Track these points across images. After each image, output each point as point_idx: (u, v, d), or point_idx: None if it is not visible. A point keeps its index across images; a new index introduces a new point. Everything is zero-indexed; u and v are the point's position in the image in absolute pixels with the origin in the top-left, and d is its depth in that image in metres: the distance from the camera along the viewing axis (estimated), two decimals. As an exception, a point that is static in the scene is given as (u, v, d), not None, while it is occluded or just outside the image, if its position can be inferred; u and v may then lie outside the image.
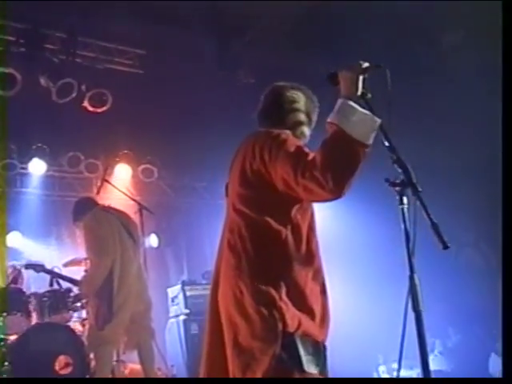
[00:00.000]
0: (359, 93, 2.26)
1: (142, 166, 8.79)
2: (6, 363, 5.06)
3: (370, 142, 2.17)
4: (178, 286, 6.80)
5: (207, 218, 8.72)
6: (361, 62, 2.27)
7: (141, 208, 6.28)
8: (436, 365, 6.66)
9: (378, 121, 2.19)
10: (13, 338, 5.37)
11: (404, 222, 2.11)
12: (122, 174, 8.63)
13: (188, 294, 6.66)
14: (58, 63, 7.32)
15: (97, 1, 6.79)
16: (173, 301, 6.85)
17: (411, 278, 2.04)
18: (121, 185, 7.67)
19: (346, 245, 6.76)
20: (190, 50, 7.33)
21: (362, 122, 2.18)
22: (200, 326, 6.23)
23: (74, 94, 7.30)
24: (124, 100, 7.59)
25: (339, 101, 2.25)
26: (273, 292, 2.22)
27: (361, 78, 2.26)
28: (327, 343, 2.36)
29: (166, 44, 7.42)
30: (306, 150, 2.28)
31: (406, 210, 2.13)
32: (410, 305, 2.04)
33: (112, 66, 7.74)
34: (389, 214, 2.36)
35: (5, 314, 5.45)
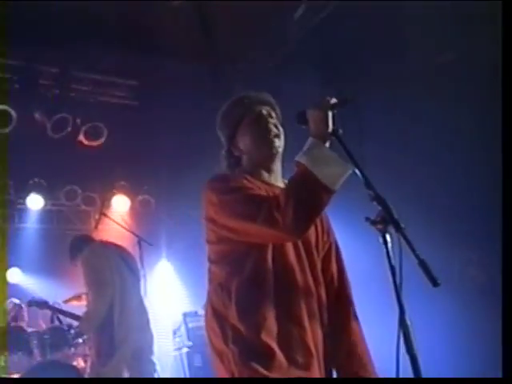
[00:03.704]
0: (330, 130, 2.12)
1: (140, 197, 8.78)
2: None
3: (337, 188, 2.06)
4: (180, 318, 6.74)
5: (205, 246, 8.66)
6: (328, 98, 2.14)
7: (139, 240, 6.24)
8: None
9: (350, 170, 2.07)
10: (15, 376, 5.32)
11: (389, 259, 1.99)
12: (120, 205, 8.61)
13: (190, 325, 6.59)
14: (51, 98, 7.35)
15: (87, 34, 6.86)
16: (175, 333, 6.79)
17: (402, 320, 1.92)
18: (119, 217, 7.65)
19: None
20: (182, 79, 7.37)
21: (332, 168, 2.06)
22: (203, 358, 6.16)
23: (69, 129, 7.31)
24: (119, 132, 7.60)
25: (309, 140, 2.13)
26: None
27: (330, 114, 2.13)
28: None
29: (157, 74, 7.46)
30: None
31: (389, 247, 2.00)
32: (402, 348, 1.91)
33: (106, 99, 7.77)
34: (374, 252, 2.26)
35: (6, 352, 5.39)
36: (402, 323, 1.92)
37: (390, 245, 2.01)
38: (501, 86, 3.33)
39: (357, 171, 2.09)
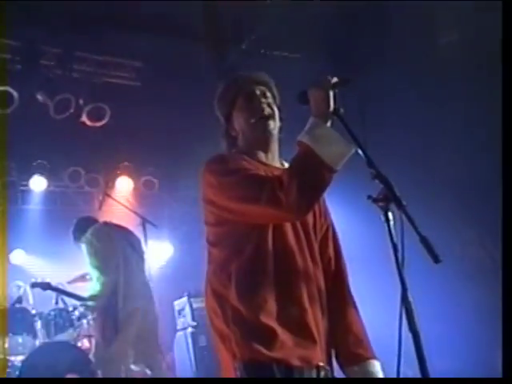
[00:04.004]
0: (331, 109, 2.11)
1: (144, 178, 8.77)
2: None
3: (339, 167, 2.06)
4: (185, 299, 6.75)
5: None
6: (329, 78, 2.12)
7: (143, 221, 6.24)
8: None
9: (353, 149, 2.06)
10: (20, 358, 5.34)
11: (391, 237, 1.99)
12: (124, 186, 8.62)
13: (194, 306, 6.60)
14: (54, 79, 7.31)
15: (91, 15, 6.81)
16: (179, 313, 6.80)
17: (404, 296, 1.92)
18: (122, 198, 7.65)
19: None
20: (187, 60, 7.31)
21: (335, 147, 2.05)
22: (208, 338, 6.18)
23: (71, 110, 7.28)
24: (122, 113, 7.57)
25: (311, 119, 2.12)
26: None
27: (331, 93, 2.11)
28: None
29: (162, 55, 7.40)
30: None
31: (392, 225, 2.00)
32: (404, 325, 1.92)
33: (109, 80, 7.73)
34: (376, 229, 2.24)
35: (10, 334, 5.41)
36: (405, 300, 1.92)
37: (392, 222, 2.01)
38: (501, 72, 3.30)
39: (359, 150, 2.08)
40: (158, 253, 8.61)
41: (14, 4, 6.46)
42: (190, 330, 6.57)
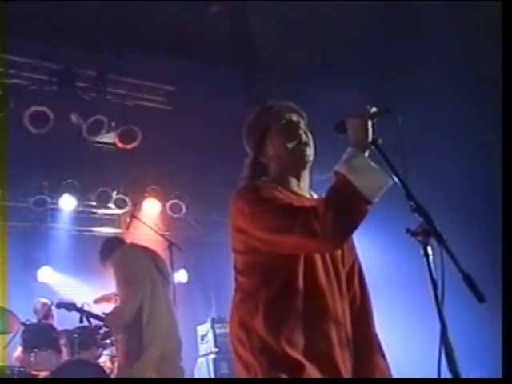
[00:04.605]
0: (369, 140, 2.09)
1: (170, 202, 8.83)
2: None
3: (376, 199, 2.02)
4: (208, 324, 6.73)
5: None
6: (368, 107, 2.10)
7: (170, 244, 6.26)
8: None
9: (391, 181, 2.02)
10: (43, 374, 5.37)
11: (430, 272, 1.93)
12: (151, 209, 8.67)
13: (218, 332, 6.58)
14: (88, 101, 7.46)
15: (126, 39, 6.96)
16: (202, 339, 6.77)
17: (443, 335, 1.84)
18: (149, 220, 7.69)
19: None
20: (218, 85, 7.40)
21: (372, 178, 2.02)
22: (230, 366, 6.14)
23: (104, 131, 7.40)
24: (153, 136, 7.68)
25: (349, 149, 2.09)
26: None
27: (370, 123, 2.08)
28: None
29: (194, 80, 7.52)
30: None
31: (431, 260, 1.94)
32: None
33: (141, 103, 7.87)
34: (414, 263, 2.19)
35: (36, 349, 5.45)
36: (444, 340, 1.85)
37: (431, 257, 1.96)
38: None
39: (397, 182, 2.04)
40: (183, 276, 8.62)
41: (53, 27, 6.65)
42: (212, 356, 6.53)
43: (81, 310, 5.69)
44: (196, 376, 6.67)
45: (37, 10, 6.32)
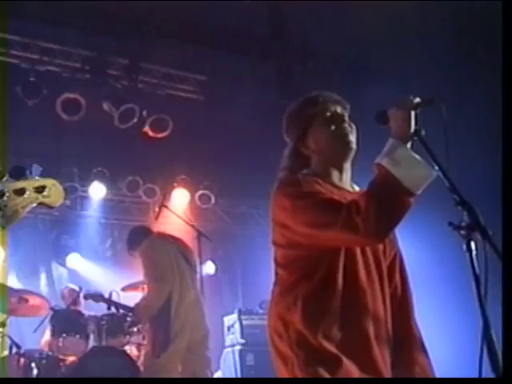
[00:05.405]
0: (412, 131, 2.03)
1: (200, 192, 8.82)
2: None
3: (419, 192, 1.97)
4: (235, 315, 6.70)
5: (263, 245, 8.60)
6: (411, 97, 2.05)
7: (199, 234, 6.24)
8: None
9: (434, 174, 1.97)
10: (71, 359, 5.42)
11: (473, 268, 1.86)
12: (180, 199, 8.67)
13: (245, 323, 6.54)
14: (120, 89, 7.47)
15: (159, 27, 6.95)
16: (229, 330, 6.75)
17: (486, 334, 1.77)
18: (178, 210, 7.69)
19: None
20: (252, 77, 7.35)
21: (415, 170, 1.98)
22: (256, 357, 6.11)
23: (135, 120, 7.41)
24: (184, 126, 7.65)
25: (390, 141, 2.04)
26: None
27: (413, 114, 2.03)
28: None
29: (226, 70, 7.48)
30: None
31: (474, 256, 1.87)
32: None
33: (173, 92, 7.84)
34: (456, 257, 2.12)
35: (64, 334, 5.49)
36: (487, 337, 1.78)
37: (474, 253, 1.89)
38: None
39: (440, 174, 1.98)
40: (210, 268, 8.61)
41: (86, 15, 6.67)
42: (238, 347, 6.50)
43: (108, 301, 5.71)
44: (221, 366, 6.66)
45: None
